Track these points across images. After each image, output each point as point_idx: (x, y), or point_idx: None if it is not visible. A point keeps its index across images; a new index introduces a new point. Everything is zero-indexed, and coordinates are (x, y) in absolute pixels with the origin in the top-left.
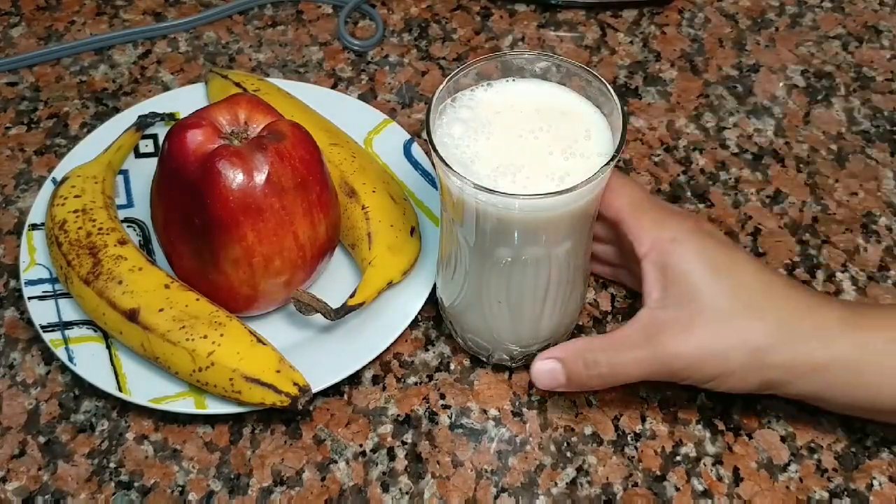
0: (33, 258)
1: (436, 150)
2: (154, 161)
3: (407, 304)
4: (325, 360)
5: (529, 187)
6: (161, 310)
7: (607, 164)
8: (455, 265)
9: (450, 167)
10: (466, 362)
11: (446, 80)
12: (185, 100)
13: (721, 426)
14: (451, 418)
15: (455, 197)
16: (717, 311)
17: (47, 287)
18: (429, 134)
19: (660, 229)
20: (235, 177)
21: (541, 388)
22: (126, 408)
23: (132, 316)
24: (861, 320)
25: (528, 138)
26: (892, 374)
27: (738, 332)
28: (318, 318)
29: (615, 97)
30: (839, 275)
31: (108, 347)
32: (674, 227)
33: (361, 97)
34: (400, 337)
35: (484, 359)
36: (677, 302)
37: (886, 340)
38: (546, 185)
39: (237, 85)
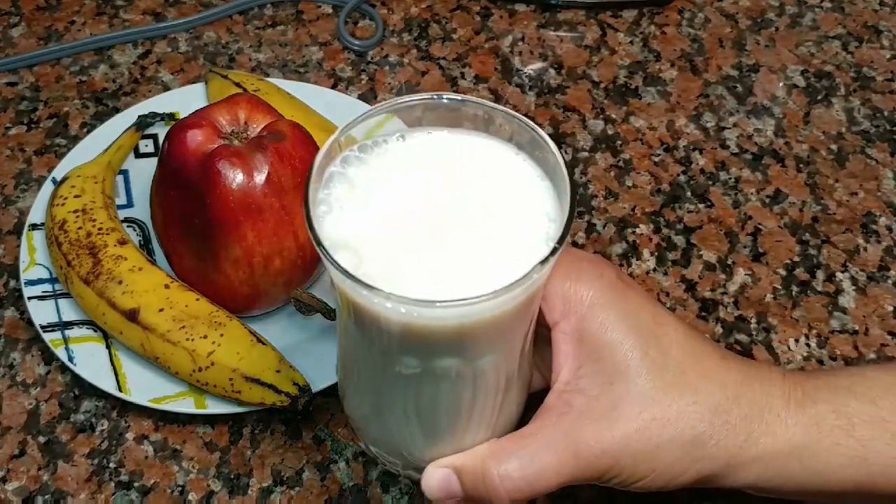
0: (33, 258)
1: (311, 226)
2: (154, 161)
3: None
4: (325, 360)
5: (440, 286)
6: (161, 310)
7: (550, 254)
8: (351, 361)
9: (322, 247)
10: None
11: (338, 132)
12: (185, 100)
13: None
14: None
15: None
16: (644, 394)
17: (47, 287)
18: (305, 200)
19: (575, 284)
20: (235, 177)
21: (431, 498)
22: (126, 408)
23: (132, 316)
24: (806, 393)
25: (436, 213)
26: (844, 455)
27: (670, 422)
28: (318, 318)
29: (557, 154)
30: (839, 275)
31: (108, 347)
32: (591, 283)
33: (361, 97)
34: None
35: (396, 472)
36: (596, 382)
37: (836, 415)
38: (464, 284)
39: (237, 85)
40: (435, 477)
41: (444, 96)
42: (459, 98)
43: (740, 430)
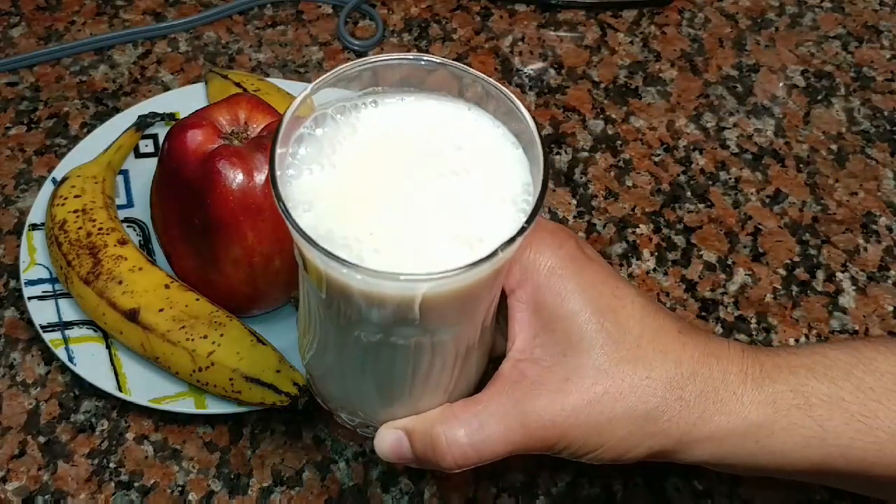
0: (33, 258)
1: (275, 185)
2: (154, 161)
3: None
4: None
5: (405, 256)
6: (161, 310)
7: (518, 234)
8: (312, 320)
9: (288, 212)
10: None
11: (310, 87)
12: (185, 100)
13: None
14: None
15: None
16: (597, 367)
17: (47, 287)
18: (272, 161)
19: (534, 253)
20: (235, 177)
21: (383, 458)
22: (126, 408)
23: (132, 316)
24: (765, 371)
25: (406, 180)
26: (802, 435)
27: (623, 395)
28: None
29: (531, 122)
30: (839, 275)
31: (108, 347)
32: (551, 252)
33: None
34: None
35: (352, 428)
36: (550, 352)
37: (794, 394)
38: (431, 254)
39: (237, 85)
40: (387, 439)
41: (423, 58)
42: (437, 60)
43: (694, 406)
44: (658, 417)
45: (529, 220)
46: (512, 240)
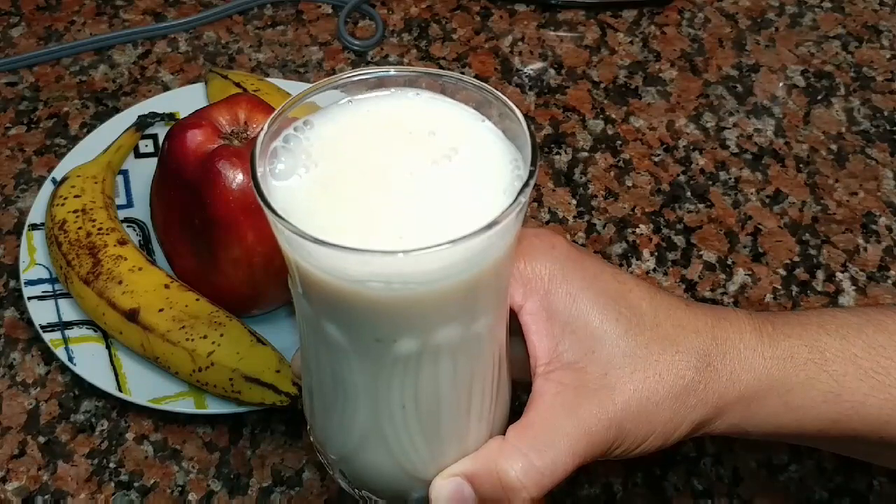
0: (33, 258)
1: (258, 186)
2: (154, 161)
3: None
4: None
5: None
6: (161, 310)
7: (521, 191)
8: (328, 369)
9: (276, 213)
10: None
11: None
12: (185, 100)
13: None
14: None
15: (299, 269)
16: (629, 354)
17: (47, 287)
18: (252, 162)
19: (529, 263)
20: (235, 177)
21: None
22: (126, 408)
23: (132, 316)
24: (777, 328)
25: (393, 173)
26: (819, 390)
27: (661, 376)
28: None
29: (513, 106)
30: (839, 275)
31: (108, 347)
32: (545, 257)
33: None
34: None
35: None
36: (579, 353)
37: (809, 349)
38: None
39: (237, 85)
40: (445, 489)
41: (392, 70)
42: (411, 71)
43: (722, 369)
44: (695, 388)
45: (522, 190)
46: (518, 196)
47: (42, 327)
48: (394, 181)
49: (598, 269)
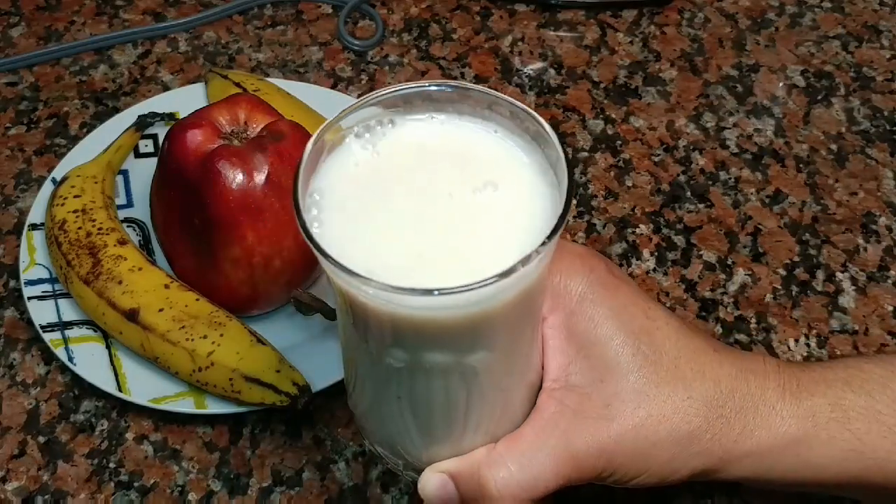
0: (33, 258)
1: (298, 210)
2: (154, 161)
3: None
4: (325, 360)
5: (429, 275)
6: (161, 310)
7: (549, 237)
8: (350, 355)
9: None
10: None
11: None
12: (185, 100)
13: None
14: None
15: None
16: (637, 391)
17: (47, 287)
18: (295, 186)
19: (564, 279)
20: (235, 177)
21: (428, 502)
22: (126, 408)
23: (132, 316)
24: (802, 386)
25: (428, 204)
26: (840, 448)
27: (666, 418)
28: (318, 318)
29: (555, 139)
30: (839, 275)
31: (108, 347)
32: (581, 278)
33: (361, 97)
34: None
35: (398, 472)
36: (587, 379)
37: (832, 407)
38: (454, 274)
39: (237, 85)
40: (431, 482)
41: (439, 84)
42: (456, 84)
43: (735, 423)
44: (701, 437)
45: (550, 237)
46: (528, 257)
47: (42, 327)
48: (438, 209)
49: (629, 301)
